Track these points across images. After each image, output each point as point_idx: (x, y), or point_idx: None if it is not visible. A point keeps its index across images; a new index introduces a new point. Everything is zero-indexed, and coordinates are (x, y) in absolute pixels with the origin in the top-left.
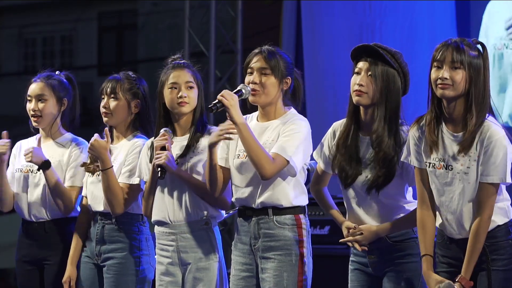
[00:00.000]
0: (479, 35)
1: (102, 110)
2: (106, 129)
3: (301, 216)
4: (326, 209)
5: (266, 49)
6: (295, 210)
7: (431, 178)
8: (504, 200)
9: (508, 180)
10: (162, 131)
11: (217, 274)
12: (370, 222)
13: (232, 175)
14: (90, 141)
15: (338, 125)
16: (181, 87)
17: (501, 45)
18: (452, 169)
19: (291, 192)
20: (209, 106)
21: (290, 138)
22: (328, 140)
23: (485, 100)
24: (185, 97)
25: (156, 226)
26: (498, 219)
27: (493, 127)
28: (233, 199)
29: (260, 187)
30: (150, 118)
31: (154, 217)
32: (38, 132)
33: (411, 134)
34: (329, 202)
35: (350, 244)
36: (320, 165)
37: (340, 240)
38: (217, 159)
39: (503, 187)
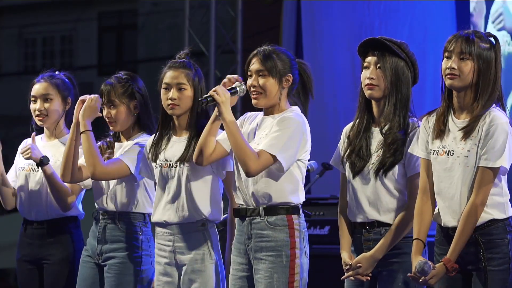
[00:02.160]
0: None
1: (106, 120)
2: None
3: (294, 216)
4: (342, 230)
5: (262, 50)
6: (287, 210)
7: (433, 165)
8: (502, 195)
9: (504, 164)
10: None
11: (214, 276)
12: (373, 214)
13: (234, 171)
14: (89, 96)
15: (349, 127)
16: (171, 89)
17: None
18: (453, 154)
19: (284, 189)
20: (200, 99)
21: (278, 134)
22: (342, 144)
23: (494, 92)
24: (175, 99)
25: (156, 226)
26: (494, 213)
27: (496, 113)
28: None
29: (252, 183)
30: (150, 115)
31: (153, 218)
32: (42, 132)
33: (421, 125)
34: (346, 225)
35: (353, 278)
36: (341, 170)
37: (342, 278)
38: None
39: (504, 182)
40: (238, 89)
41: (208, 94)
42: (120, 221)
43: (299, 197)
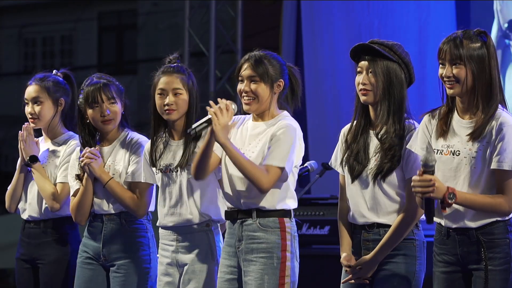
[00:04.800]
0: None
1: (101, 120)
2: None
3: (286, 219)
4: (341, 231)
5: (254, 55)
6: (279, 213)
7: (437, 164)
8: None
9: None
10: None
11: (214, 276)
12: (372, 218)
13: (222, 171)
14: (84, 161)
15: (347, 129)
16: (168, 94)
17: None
18: (459, 154)
19: (277, 196)
20: (188, 131)
21: (279, 145)
22: (340, 146)
23: (493, 89)
24: (172, 104)
25: (160, 228)
26: None
27: (504, 115)
28: (220, 196)
29: (244, 189)
30: (129, 115)
31: (158, 223)
32: (41, 134)
33: (422, 123)
34: (346, 226)
35: (352, 281)
36: (340, 172)
37: (342, 281)
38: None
39: None
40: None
41: (201, 122)
42: (126, 221)
43: (291, 203)
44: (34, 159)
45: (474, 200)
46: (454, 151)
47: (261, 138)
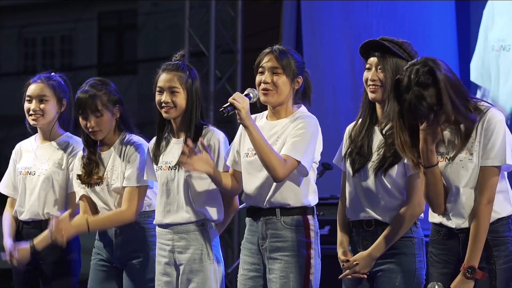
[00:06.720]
0: (478, 34)
1: (87, 130)
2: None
3: (309, 217)
4: (340, 227)
5: (277, 48)
6: (303, 210)
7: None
8: (508, 192)
9: (509, 162)
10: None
11: (211, 276)
12: (371, 213)
13: (242, 174)
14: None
15: (351, 126)
16: (164, 92)
17: (498, 46)
18: (454, 159)
19: (300, 192)
20: (220, 109)
21: (299, 138)
22: (344, 143)
23: (460, 88)
24: (168, 103)
25: (157, 226)
26: (501, 211)
27: (493, 110)
28: (242, 198)
29: (268, 186)
30: (128, 116)
31: (155, 220)
32: (36, 132)
33: None
34: (345, 223)
35: (350, 277)
36: (343, 168)
37: (340, 277)
38: (221, 175)
39: (506, 178)
40: (251, 95)
41: (228, 103)
42: (136, 221)
43: (313, 199)
44: (33, 249)
45: (479, 238)
46: (449, 157)
47: (280, 135)
